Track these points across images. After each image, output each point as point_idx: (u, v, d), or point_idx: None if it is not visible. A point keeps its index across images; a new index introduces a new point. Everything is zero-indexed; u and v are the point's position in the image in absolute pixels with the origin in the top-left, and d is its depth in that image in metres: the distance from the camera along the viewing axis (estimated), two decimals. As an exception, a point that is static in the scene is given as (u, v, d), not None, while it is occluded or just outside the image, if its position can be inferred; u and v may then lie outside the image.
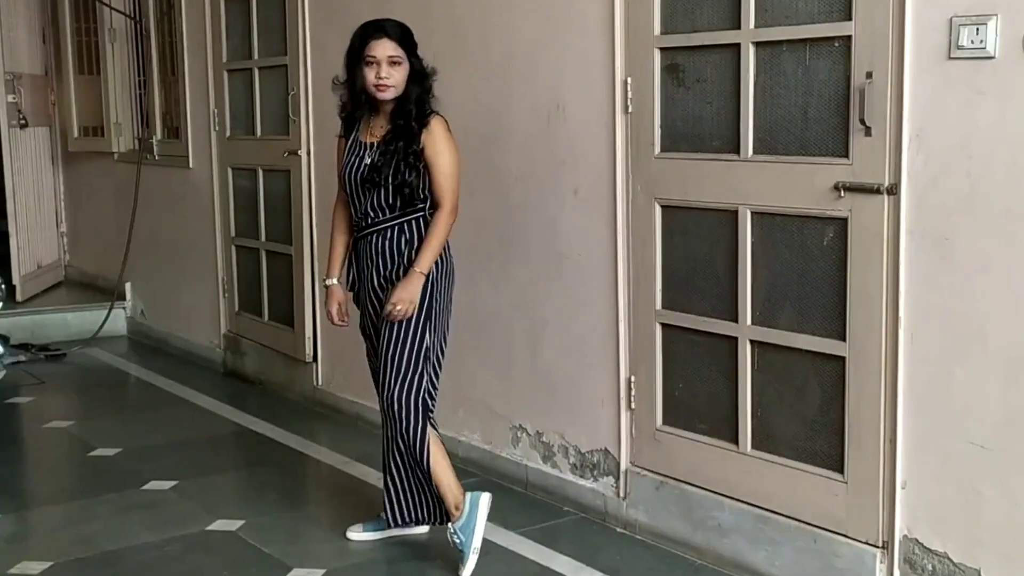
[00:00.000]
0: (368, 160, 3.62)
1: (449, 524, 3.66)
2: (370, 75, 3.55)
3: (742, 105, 3.49)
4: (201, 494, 4.47)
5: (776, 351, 3.50)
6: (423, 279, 3.57)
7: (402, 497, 3.76)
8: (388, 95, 3.57)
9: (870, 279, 3.19)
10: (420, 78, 3.60)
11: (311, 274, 5.60)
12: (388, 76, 3.53)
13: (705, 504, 3.72)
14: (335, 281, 3.84)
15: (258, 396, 5.97)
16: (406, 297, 3.55)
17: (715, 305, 3.67)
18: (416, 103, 3.58)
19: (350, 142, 3.72)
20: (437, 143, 3.59)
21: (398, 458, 3.70)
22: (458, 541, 3.62)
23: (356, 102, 3.65)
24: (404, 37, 3.59)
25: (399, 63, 3.55)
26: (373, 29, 3.58)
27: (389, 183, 3.58)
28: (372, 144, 3.64)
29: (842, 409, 3.31)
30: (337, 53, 5.31)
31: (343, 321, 3.84)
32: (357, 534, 3.94)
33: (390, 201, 3.61)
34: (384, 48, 3.53)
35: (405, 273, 3.59)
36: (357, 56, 3.58)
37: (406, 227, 3.62)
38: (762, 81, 3.46)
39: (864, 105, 3.13)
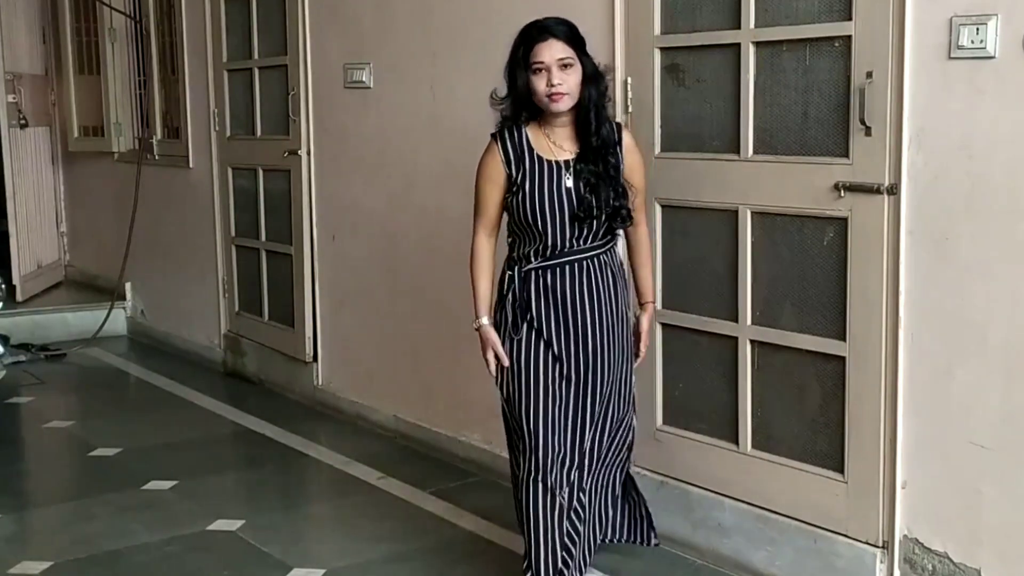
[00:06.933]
0: (570, 184, 3.14)
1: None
2: (540, 84, 3.05)
3: (742, 105, 3.49)
4: (201, 494, 4.46)
5: (776, 351, 3.50)
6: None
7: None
8: (564, 105, 3.08)
9: (870, 279, 3.19)
10: (595, 79, 3.12)
11: (311, 274, 5.59)
12: (561, 82, 3.04)
13: (705, 504, 3.71)
14: (487, 321, 3.26)
15: (258, 396, 5.96)
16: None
17: (715, 305, 3.67)
18: (595, 113, 3.13)
19: (531, 162, 3.17)
20: (636, 155, 3.28)
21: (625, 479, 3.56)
22: None
23: (520, 111, 3.16)
24: (572, 35, 3.09)
25: (571, 65, 3.06)
26: (536, 31, 3.08)
27: (605, 212, 3.18)
28: (567, 163, 3.16)
29: (842, 409, 3.31)
30: (337, 53, 5.38)
31: (505, 361, 3.23)
32: None
33: (600, 230, 3.22)
34: (552, 50, 3.04)
35: (616, 307, 3.26)
36: (521, 63, 3.09)
37: (613, 254, 3.28)
38: (762, 81, 3.46)
39: (864, 105, 3.13)
